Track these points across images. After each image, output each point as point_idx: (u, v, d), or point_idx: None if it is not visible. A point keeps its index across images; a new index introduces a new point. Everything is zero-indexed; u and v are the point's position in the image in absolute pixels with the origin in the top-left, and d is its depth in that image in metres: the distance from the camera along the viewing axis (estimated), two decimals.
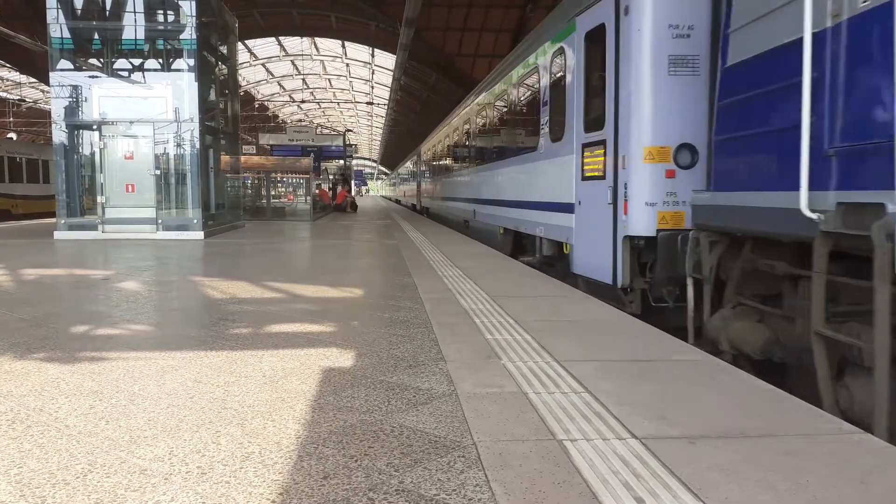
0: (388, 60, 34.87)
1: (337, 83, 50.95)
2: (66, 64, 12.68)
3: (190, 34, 12.54)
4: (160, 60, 13.21)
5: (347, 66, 43.74)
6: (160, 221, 12.45)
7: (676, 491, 1.99)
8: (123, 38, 12.98)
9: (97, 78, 12.88)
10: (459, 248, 10.05)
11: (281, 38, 37.16)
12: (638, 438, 2.40)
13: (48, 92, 20.86)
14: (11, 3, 22.36)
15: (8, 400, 2.85)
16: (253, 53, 39.70)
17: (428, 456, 2.26)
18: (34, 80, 35.19)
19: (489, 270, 7.23)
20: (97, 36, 13.15)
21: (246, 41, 33.88)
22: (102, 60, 13.15)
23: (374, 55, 37.45)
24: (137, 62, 13.24)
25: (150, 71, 13.20)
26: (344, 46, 38.10)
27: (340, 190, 28.00)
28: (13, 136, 38.21)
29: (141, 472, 2.12)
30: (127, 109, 12.46)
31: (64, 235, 12.19)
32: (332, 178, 32.34)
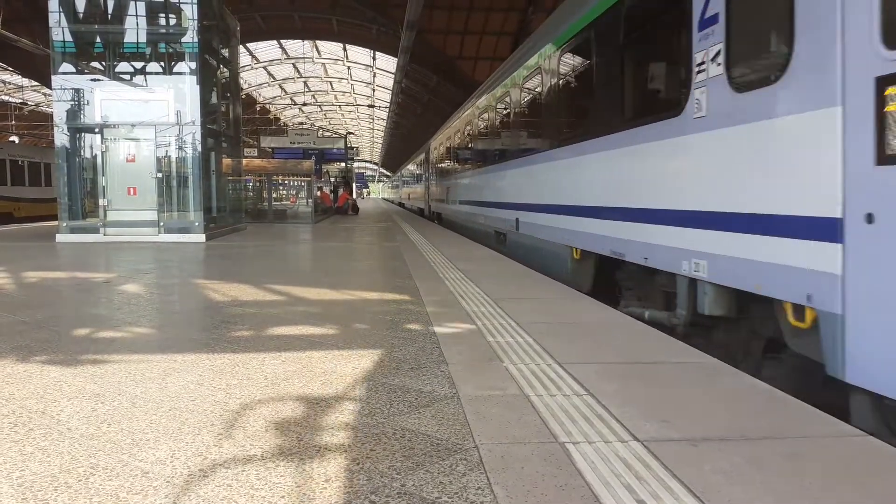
0: (389, 63, 34.94)
1: (338, 86, 51.06)
2: (68, 67, 12.73)
3: (191, 37, 12.58)
4: (162, 63, 13.24)
5: (349, 68, 43.84)
6: (162, 224, 12.48)
7: (679, 493, 1.99)
8: (125, 41, 13.02)
9: (99, 81, 12.92)
10: (460, 250, 10.05)
11: (282, 40, 37.26)
12: (640, 441, 2.39)
13: (50, 95, 20.92)
14: (14, 6, 22.42)
15: (10, 403, 2.85)
16: (254, 56, 39.80)
17: (430, 459, 2.26)
18: (36, 83, 35.32)
19: (490, 273, 7.23)
20: (99, 39, 13.20)
21: (247, 44, 33.96)
22: (104, 64, 13.18)
23: (375, 58, 37.54)
24: (139, 65, 13.26)
25: (151, 74, 13.23)
26: (345, 49, 38.19)
27: (342, 192, 28.06)
28: (15, 139, 38.30)
29: (143, 474, 2.12)
30: (129, 112, 12.50)
31: (66, 238, 12.21)
32: (333, 180, 32.43)
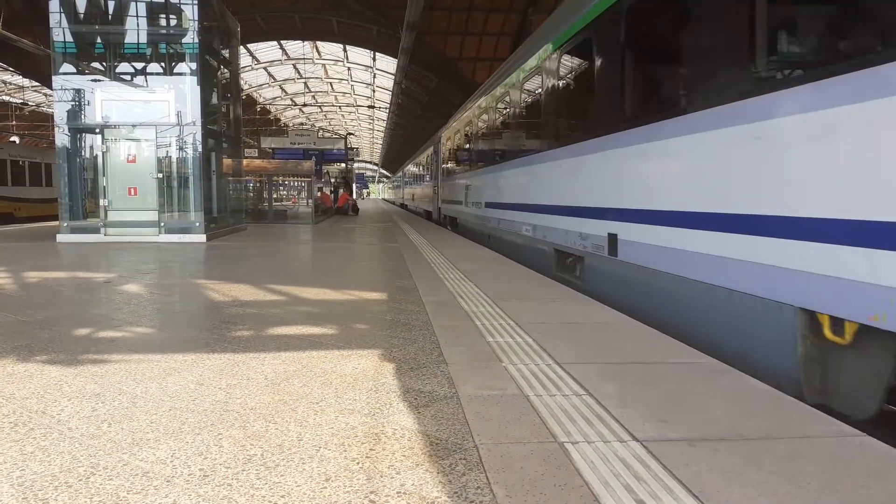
0: (389, 64, 35.00)
1: (338, 87, 51.14)
2: (68, 68, 12.73)
3: (192, 38, 12.58)
4: (163, 64, 13.24)
5: (349, 69, 43.90)
6: (162, 224, 12.48)
7: (678, 493, 1.99)
8: (126, 41, 13.02)
9: (100, 81, 12.92)
10: (460, 251, 10.06)
11: (283, 41, 37.31)
12: (639, 441, 2.40)
13: (51, 95, 20.93)
14: (14, 6, 22.44)
15: (10, 402, 2.86)
16: (255, 57, 39.87)
17: (429, 458, 2.26)
18: (37, 83, 35.36)
19: (490, 273, 7.23)
20: (100, 40, 13.21)
21: (248, 45, 34.01)
22: (105, 64, 13.18)
23: (375, 59, 37.60)
24: (140, 66, 13.26)
25: (152, 75, 13.22)
26: (345, 50, 38.25)
27: (342, 193, 28.08)
28: (16, 139, 38.34)
29: (143, 474, 2.12)
30: (129, 113, 12.51)
31: (66, 238, 12.22)
32: (333, 181, 32.44)
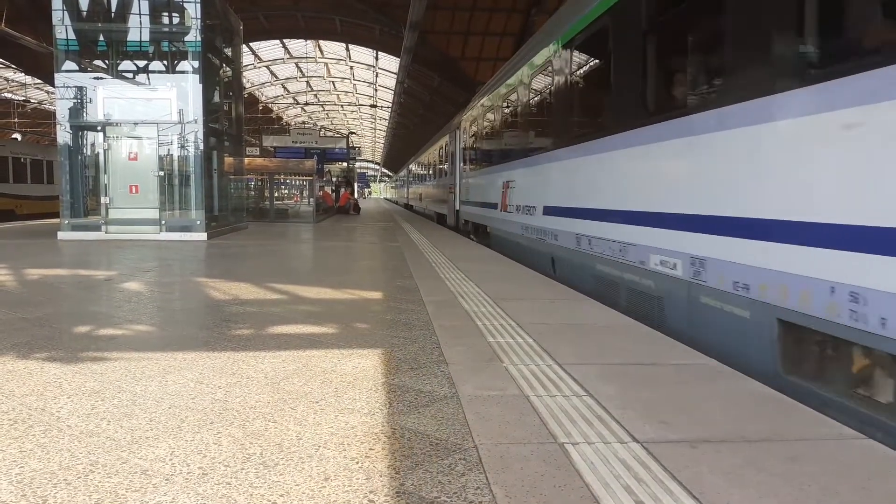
0: (391, 63, 35.00)
1: (341, 86, 51.14)
2: (71, 65, 12.74)
3: (194, 36, 12.59)
4: (165, 62, 13.26)
5: (351, 68, 43.90)
6: (164, 222, 12.49)
7: (678, 495, 1.98)
8: (128, 39, 13.03)
9: (102, 79, 12.93)
10: (461, 251, 10.05)
11: (285, 40, 37.31)
12: (639, 442, 2.39)
13: (53, 93, 20.95)
14: (17, 4, 22.46)
15: (10, 399, 2.86)
16: (257, 56, 39.89)
17: (429, 458, 2.26)
18: (39, 81, 35.40)
19: (491, 273, 7.23)
20: (102, 37, 13.22)
21: (250, 43, 34.02)
22: (107, 62, 13.20)
23: (377, 58, 37.59)
24: (142, 64, 13.28)
25: (154, 73, 13.24)
26: (348, 49, 38.26)
27: (343, 192, 28.07)
28: (18, 136, 38.38)
29: (142, 472, 2.12)
30: (131, 111, 12.52)
31: (67, 236, 12.23)
32: (335, 180, 32.46)
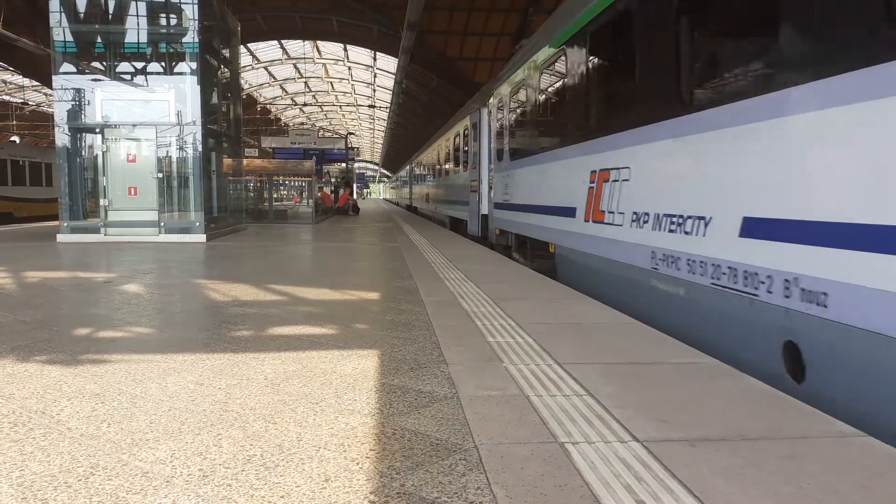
0: (390, 64, 35.00)
1: (339, 86, 51.14)
2: (68, 67, 12.74)
3: (192, 38, 12.59)
4: (163, 64, 13.26)
5: (349, 69, 43.91)
6: (162, 224, 12.48)
7: (678, 494, 1.98)
8: (126, 41, 13.03)
9: (100, 81, 12.93)
10: (460, 251, 10.05)
11: (283, 41, 37.31)
12: (639, 441, 2.39)
13: (51, 95, 20.93)
14: (14, 6, 22.44)
15: (10, 402, 2.85)
16: (255, 56, 39.86)
17: (429, 459, 2.26)
18: (37, 83, 35.35)
19: (491, 273, 7.23)
20: (100, 39, 13.21)
21: (248, 44, 34.00)
22: (105, 64, 13.20)
23: (376, 58, 37.59)
24: (140, 65, 13.28)
25: (152, 74, 13.24)
26: (346, 50, 38.25)
27: (342, 193, 28.08)
28: (16, 139, 38.35)
29: (143, 474, 2.12)
30: (129, 112, 12.52)
31: (67, 238, 12.22)
32: (334, 181, 32.47)
